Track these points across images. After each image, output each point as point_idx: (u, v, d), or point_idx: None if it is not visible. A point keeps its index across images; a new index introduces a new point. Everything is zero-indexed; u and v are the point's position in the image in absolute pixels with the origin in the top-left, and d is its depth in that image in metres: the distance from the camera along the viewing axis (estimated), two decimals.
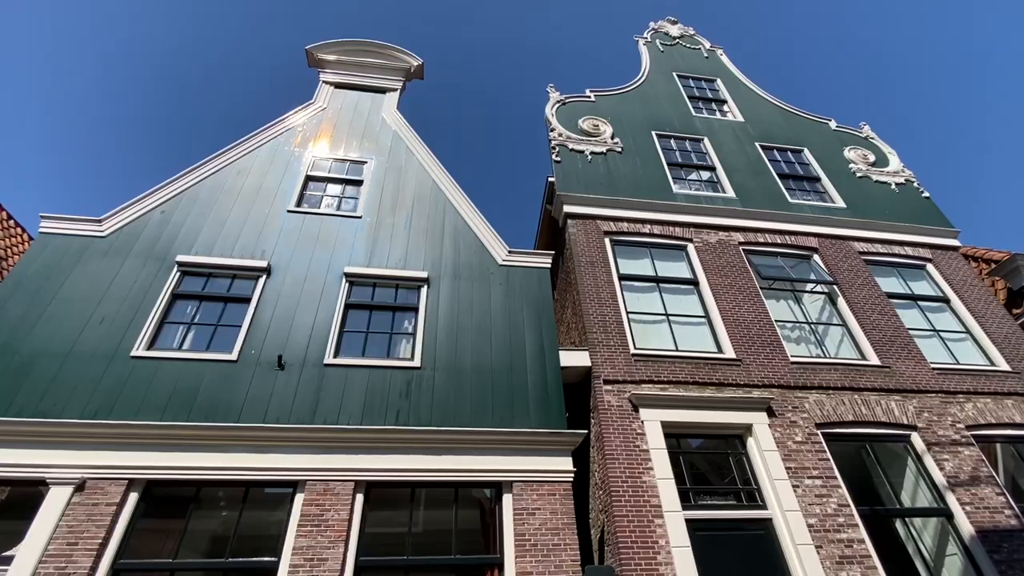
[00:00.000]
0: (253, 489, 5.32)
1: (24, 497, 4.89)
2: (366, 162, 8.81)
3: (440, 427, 5.69)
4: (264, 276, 6.81)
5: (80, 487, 4.91)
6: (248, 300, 6.59)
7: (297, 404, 5.71)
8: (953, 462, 6.42)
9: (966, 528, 5.89)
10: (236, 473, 5.19)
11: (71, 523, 4.71)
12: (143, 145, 40.03)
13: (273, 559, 4.86)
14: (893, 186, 10.49)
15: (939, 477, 6.28)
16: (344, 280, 6.95)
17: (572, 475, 5.70)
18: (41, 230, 6.77)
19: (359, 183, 8.49)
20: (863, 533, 5.64)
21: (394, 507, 5.52)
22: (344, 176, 8.59)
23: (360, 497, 5.29)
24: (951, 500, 6.10)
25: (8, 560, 4.50)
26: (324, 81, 10.19)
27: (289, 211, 7.68)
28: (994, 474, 6.40)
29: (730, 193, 9.46)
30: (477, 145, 50.07)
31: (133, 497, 5.01)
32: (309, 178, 8.41)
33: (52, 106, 35.25)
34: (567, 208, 8.52)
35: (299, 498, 5.18)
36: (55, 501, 4.80)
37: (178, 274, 6.70)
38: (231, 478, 5.20)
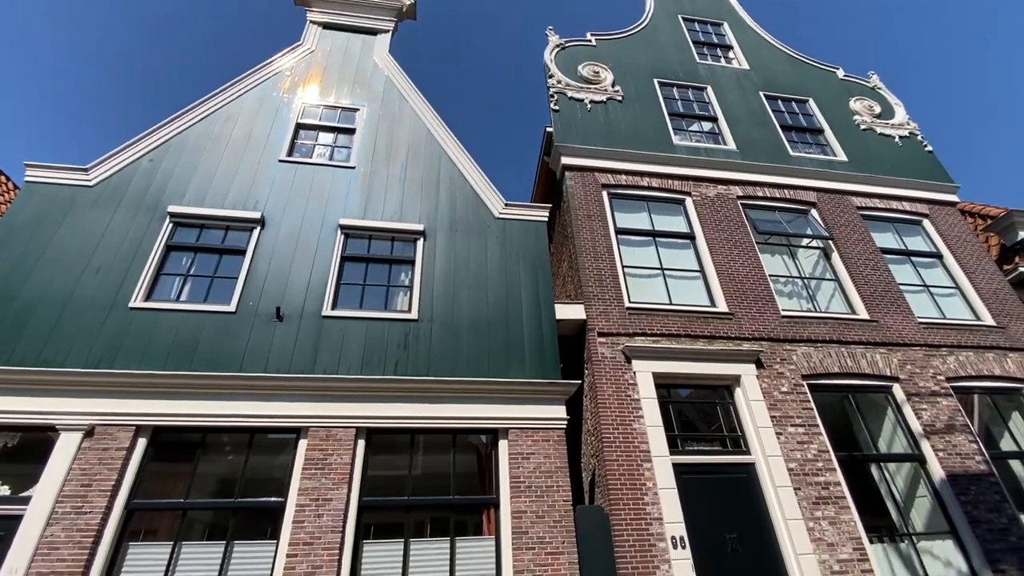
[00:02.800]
0: (257, 435, 5.52)
1: (35, 442, 5.06)
2: (358, 109, 8.53)
3: (438, 377, 5.84)
4: (258, 228, 6.75)
5: (89, 433, 5.07)
6: (243, 252, 6.56)
7: (297, 355, 5.82)
8: (931, 412, 6.70)
9: (937, 472, 6.24)
10: (240, 420, 5.36)
11: (83, 466, 4.90)
12: (122, 91, 38.33)
13: (280, 499, 5.12)
14: (896, 139, 10.32)
15: (916, 425, 6.57)
16: (339, 232, 6.91)
17: (565, 423, 5.92)
18: (27, 179, 6.62)
19: (351, 131, 8.26)
20: (840, 477, 5.96)
21: (394, 452, 5.76)
22: (336, 124, 8.33)
23: (361, 442, 5.50)
24: (925, 447, 6.41)
25: (26, 500, 4.71)
26: (312, 21, 9.68)
27: (280, 161, 7.51)
28: (969, 423, 6.70)
29: (731, 145, 9.29)
30: (472, 93, 48.30)
31: (142, 442, 5.19)
32: (300, 126, 8.16)
33: (27, 52, 33.40)
34: (565, 160, 8.37)
35: (302, 443, 5.38)
36: (66, 446, 4.97)
37: (171, 225, 6.63)
38: (235, 425, 5.37)
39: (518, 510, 5.29)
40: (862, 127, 10.35)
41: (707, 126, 9.79)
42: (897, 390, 6.86)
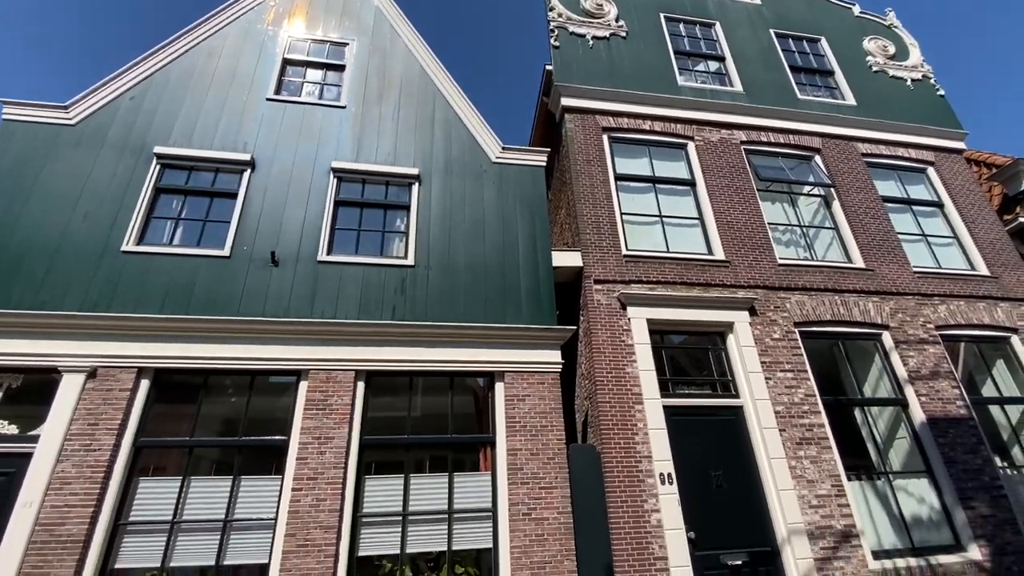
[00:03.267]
0: (259, 378, 5.62)
1: (39, 384, 5.14)
2: (347, 44, 8.10)
3: (435, 322, 5.89)
4: (249, 170, 6.57)
5: (92, 375, 5.15)
6: (234, 195, 6.42)
7: (294, 299, 5.83)
8: (917, 359, 6.86)
9: (918, 416, 6.47)
10: (240, 363, 5.45)
11: (89, 407, 5.01)
12: (92, 24, 36.14)
13: (283, 438, 5.29)
14: (908, 82, 9.96)
15: (902, 371, 6.75)
16: (332, 176, 6.74)
17: (560, 367, 6.05)
18: (4, 117, 6.34)
19: (341, 68, 7.88)
20: (824, 419, 6.18)
21: (394, 394, 5.90)
22: (324, 60, 7.94)
23: (361, 384, 5.63)
24: (909, 391, 6.61)
25: (35, 439, 4.85)
26: None
27: (268, 99, 7.20)
28: (953, 370, 6.88)
29: (737, 87, 8.95)
30: (468, 27, 45.78)
31: (144, 384, 5.29)
32: (287, 62, 7.77)
33: None
34: (565, 101, 8.06)
35: (303, 385, 5.50)
36: (69, 387, 5.06)
37: (158, 167, 6.44)
38: (236, 367, 5.46)
39: (513, 448, 5.50)
40: (874, 69, 9.95)
41: (713, 66, 9.39)
42: (886, 337, 6.99)
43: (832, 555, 5.43)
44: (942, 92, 9.94)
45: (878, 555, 5.60)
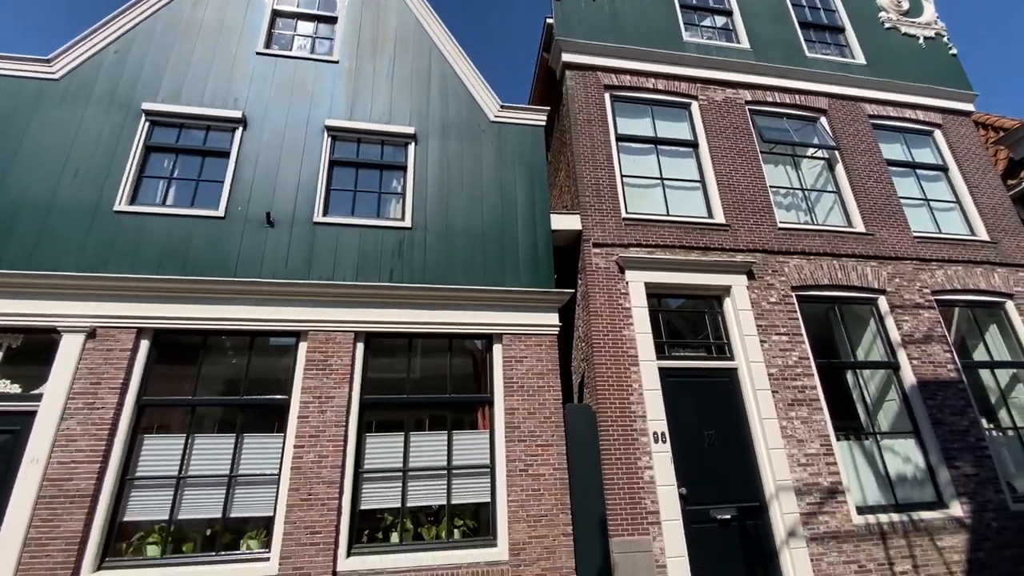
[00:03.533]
0: (258, 339, 5.65)
1: (39, 344, 5.16)
2: None
3: (433, 285, 5.88)
4: (240, 128, 6.40)
5: (91, 335, 5.16)
6: (227, 154, 6.28)
7: (291, 261, 5.80)
8: (911, 323, 6.91)
9: (909, 379, 6.57)
10: (239, 324, 5.46)
11: (90, 366, 5.05)
12: None
13: (284, 397, 5.36)
14: (921, 40, 9.64)
15: (895, 335, 6.82)
16: (326, 134, 6.57)
17: (557, 329, 6.09)
18: None
19: (333, 20, 7.56)
20: (816, 381, 6.28)
21: (393, 355, 5.95)
22: (315, 11, 7.61)
23: (360, 345, 5.67)
24: (901, 355, 6.70)
25: (38, 397, 4.91)
26: None
27: (258, 53, 6.94)
28: (946, 334, 6.95)
29: (744, 44, 8.65)
30: None
31: (144, 344, 5.31)
32: (276, 13, 7.44)
33: None
34: (566, 57, 7.80)
35: (303, 346, 5.53)
36: (70, 347, 5.08)
37: (147, 124, 6.26)
38: (235, 328, 5.48)
39: (511, 407, 5.61)
40: (886, 25, 9.61)
41: (721, 20, 9.05)
42: (882, 302, 7.03)
43: (818, 510, 5.63)
44: (954, 51, 9.64)
45: (862, 510, 5.81)
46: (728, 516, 5.54)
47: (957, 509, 5.93)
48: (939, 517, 5.86)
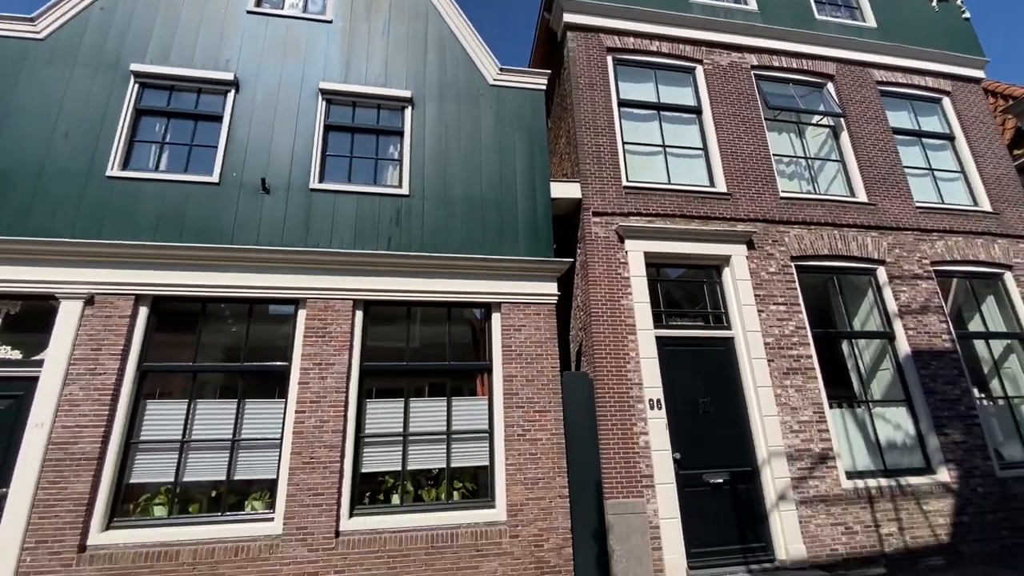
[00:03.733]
0: (257, 306, 5.65)
1: (37, 311, 5.15)
2: None
3: (432, 254, 5.85)
4: (233, 90, 6.23)
5: (90, 301, 5.15)
6: (219, 118, 6.13)
7: (288, 228, 5.74)
8: (909, 293, 6.93)
9: (904, 348, 6.63)
10: (237, 291, 5.44)
11: (90, 332, 5.05)
12: None
13: (285, 363, 5.40)
14: (934, 2, 9.33)
15: (892, 306, 6.84)
16: (320, 97, 6.40)
17: (556, 298, 6.09)
18: None
19: None
20: (812, 351, 6.34)
21: (392, 323, 5.97)
22: None
23: (360, 313, 5.67)
24: (897, 325, 6.74)
25: (39, 363, 4.93)
26: None
27: (249, 11, 6.69)
28: (943, 304, 6.98)
29: (752, 5, 8.37)
30: None
31: (143, 311, 5.31)
32: None
33: None
34: (567, 17, 7.54)
35: (302, 313, 5.54)
36: (68, 314, 5.08)
37: (136, 86, 6.09)
38: (234, 295, 5.46)
39: (509, 375, 5.66)
40: None
41: None
42: (881, 272, 7.02)
43: (808, 475, 5.77)
44: (967, 15, 9.35)
45: (851, 475, 5.96)
46: (720, 480, 5.68)
47: (944, 475, 6.08)
48: (926, 482, 6.02)
